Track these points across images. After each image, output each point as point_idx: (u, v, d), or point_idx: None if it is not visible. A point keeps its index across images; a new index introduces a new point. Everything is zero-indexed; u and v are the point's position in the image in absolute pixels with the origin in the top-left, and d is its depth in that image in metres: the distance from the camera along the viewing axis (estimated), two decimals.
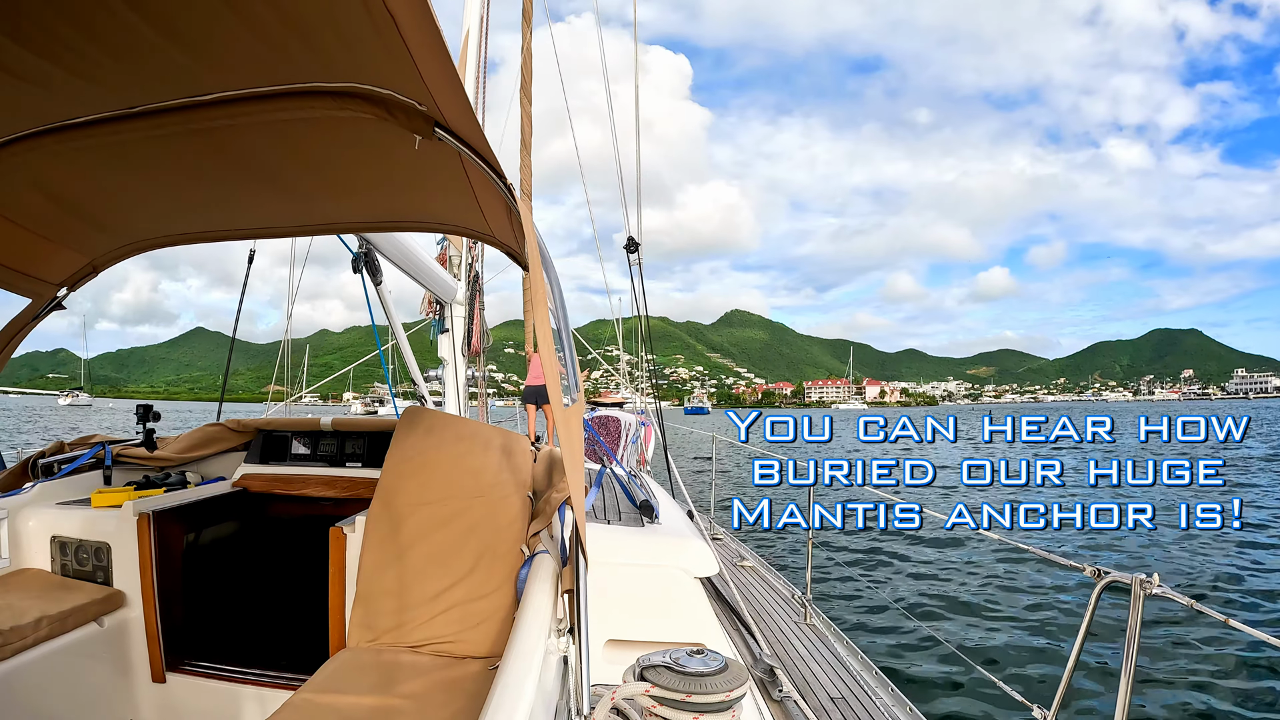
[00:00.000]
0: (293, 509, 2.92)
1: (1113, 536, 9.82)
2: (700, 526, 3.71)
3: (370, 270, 3.34)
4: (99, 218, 1.76)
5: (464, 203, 1.64)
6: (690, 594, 2.32)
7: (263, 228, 1.92)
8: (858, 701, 3.30)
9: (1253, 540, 10.33)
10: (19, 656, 1.98)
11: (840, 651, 3.95)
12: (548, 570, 1.75)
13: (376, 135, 1.26)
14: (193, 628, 2.53)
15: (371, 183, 1.66)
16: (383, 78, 1.06)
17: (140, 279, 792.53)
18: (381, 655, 1.84)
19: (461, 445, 2.23)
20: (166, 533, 2.47)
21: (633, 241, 5.89)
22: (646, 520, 2.67)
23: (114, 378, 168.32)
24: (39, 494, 2.62)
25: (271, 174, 1.56)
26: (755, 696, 2.70)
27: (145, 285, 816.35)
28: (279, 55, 1.00)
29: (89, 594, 2.32)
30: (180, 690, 2.39)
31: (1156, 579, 1.99)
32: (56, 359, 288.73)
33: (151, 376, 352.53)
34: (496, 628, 1.85)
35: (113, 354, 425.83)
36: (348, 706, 1.53)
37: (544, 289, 1.79)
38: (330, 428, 3.12)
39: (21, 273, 1.80)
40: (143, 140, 1.26)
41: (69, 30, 0.91)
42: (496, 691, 1.13)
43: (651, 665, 1.30)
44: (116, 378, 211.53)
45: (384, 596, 1.94)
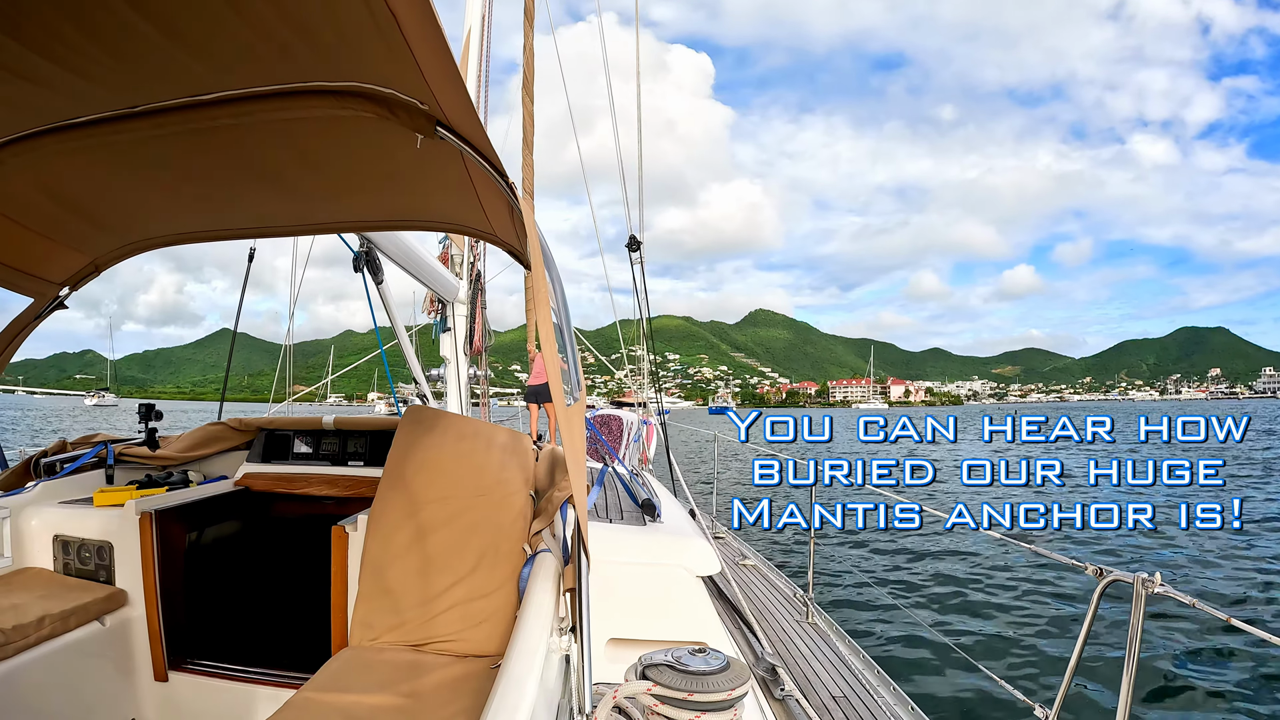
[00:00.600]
0: (295, 508, 2.92)
1: (1113, 536, 9.82)
2: (702, 525, 3.71)
3: (371, 269, 3.34)
4: (100, 217, 1.76)
5: (466, 202, 1.63)
6: (692, 593, 2.32)
7: (264, 227, 1.92)
8: (859, 700, 3.30)
9: (1253, 540, 10.32)
10: (21, 655, 1.99)
11: (842, 650, 3.95)
12: (550, 569, 1.75)
13: (378, 134, 1.26)
14: (195, 626, 2.54)
15: (373, 182, 1.66)
16: (384, 77, 1.06)
17: (166, 281, 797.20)
18: (383, 654, 1.84)
19: (464, 444, 2.23)
20: (169, 532, 2.47)
21: (634, 240, 5.90)
22: (648, 519, 2.67)
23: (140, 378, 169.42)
24: (41, 493, 2.62)
25: (273, 173, 1.56)
26: (757, 695, 2.70)
27: (170, 287, 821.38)
28: (280, 54, 1.00)
29: (91, 593, 2.32)
30: (182, 689, 2.40)
31: (1158, 578, 1.99)
32: (84, 360, 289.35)
33: (177, 377, 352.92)
34: (499, 626, 1.85)
35: (139, 355, 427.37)
36: (350, 705, 1.53)
37: (546, 287, 1.79)
38: (332, 427, 3.12)
39: (23, 272, 1.80)
40: (144, 140, 1.26)
41: (70, 29, 0.91)
42: (499, 690, 1.13)
43: (653, 664, 1.30)
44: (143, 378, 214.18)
45: (386, 595, 1.94)
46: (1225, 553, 9.50)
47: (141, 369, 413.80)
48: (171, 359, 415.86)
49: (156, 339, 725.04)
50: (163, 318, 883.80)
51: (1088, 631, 2.31)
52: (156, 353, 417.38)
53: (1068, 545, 9.47)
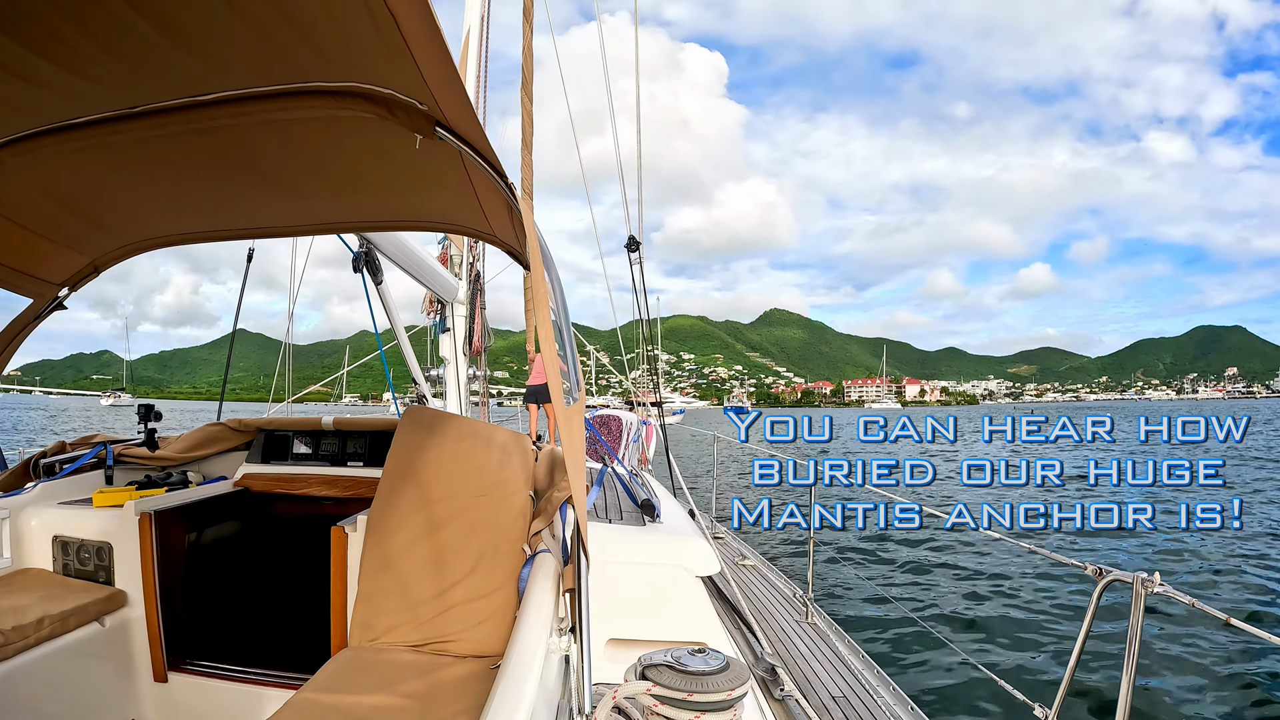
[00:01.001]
0: (294, 508, 2.92)
1: (1114, 536, 9.82)
2: (701, 525, 3.71)
3: (370, 270, 3.34)
4: (100, 218, 1.76)
5: (465, 202, 1.64)
6: (692, 593, 2.32)
7: (264, 227, 1.92)
8: (859, 700, 3.30)
9: (1254, 538, 10.33)
10: (21, 656, 1.99)
11: (842, 650, 3.94)
12: (549, 569, 1.75)
13: (377, 134, 1.26)
14: (194, 627, 2.54)
15: (372, 182, 1.66)
16: (383, 77, 1.06)
17: (181, 281, 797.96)
18: (383, 654, 1.84)
19: (463, 444, 2.23)
20: (168, 532, 2.47)
21: (633, 240, 5.89)
22: (648, 519, 2.67)
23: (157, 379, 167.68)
24: (41, 494, 2.62)
25: (272, 173, 1.56)
26: (756, 695, 2.70)
27: (186, 288, 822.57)
28: (280, 55, 1.00)
29: (91, 593, 2.32)
30: (182, 690, 2.40)
31: (1158, 578, 1.99)
32: (101, 360, 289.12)
33: (194, 377, 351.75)
34: (498, 627, 1.85)
35: (155, 355, 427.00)
36: (350, 706, 1.53)
37: (545, 288, 1.79)
38: (331, 427, 3.12)
39: (23, 273, 1.80)
40: (143, 140, 1.26)
41: (70, 30, 0.91)
42: (498, 691, 1.13)
43: (653, 664, 1.30)
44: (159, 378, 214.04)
45: (385, 596, 1.94)
46: (1225, 552, 9.50)
47: (158, 369, 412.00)
48: (188, 359, 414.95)
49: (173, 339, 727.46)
50: (179, 318, 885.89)
51: (1087, 631, 2.31)
52: (173, 353, 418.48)
53: (1076, 543, 9.47)
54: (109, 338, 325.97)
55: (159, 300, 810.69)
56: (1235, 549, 9.69)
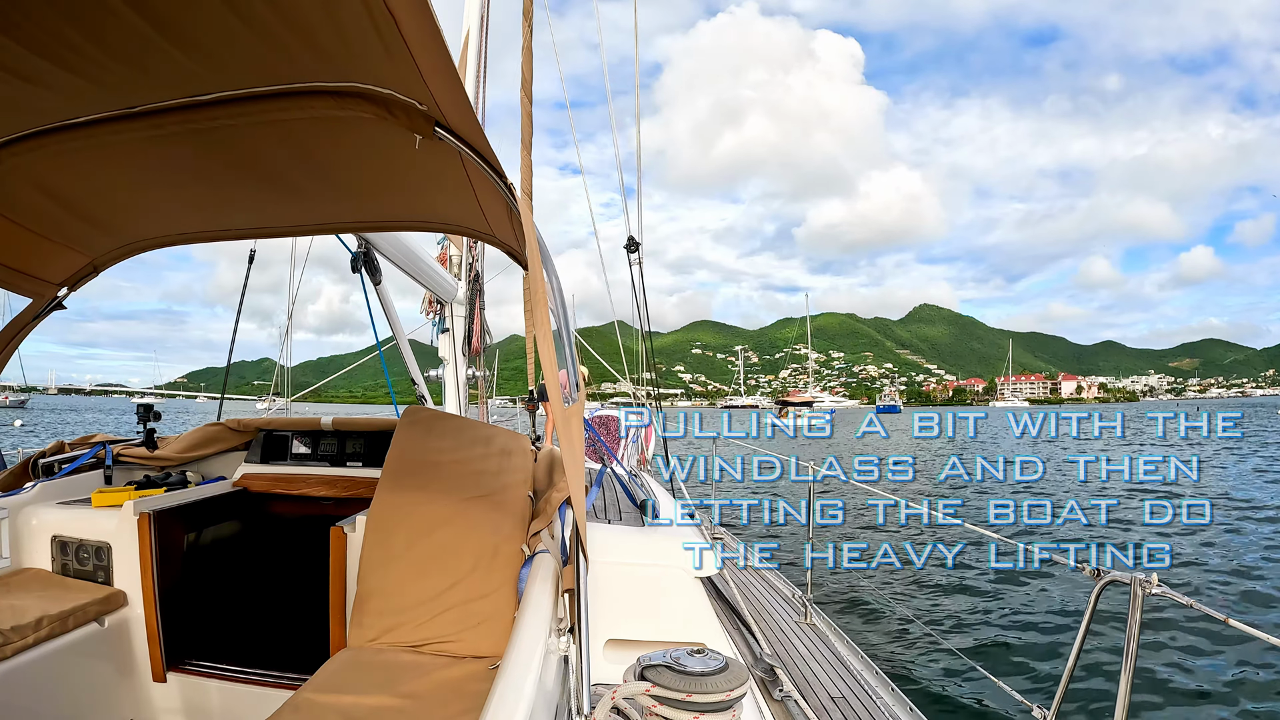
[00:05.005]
0: (293, 508, 2.92)
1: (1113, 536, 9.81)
2: (701, 525, 3.70)
3: (370, 270, 3.34)
4: (99, 218, 1.76)
5: (464, 202, 1.64)
6: (690, 593, 2.32)
7: (263, 227, 1.93)
8: (858, 701, 3.30)
9: (1253, 538, 10.33)
10: (19, 656, 1.98)
11: (841, 651, 3.95)
12: (548, 570, 1.75)
13: (377, 135, 1.26)
14: (193, 627, 2.53)
15: (372, 182, 1.66)
16: (383, 77, 1.06)
17: (331, 291, 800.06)
18: (382, 655, 1.84)
19: (462, 445, 2.23)
20: (167, 532, 2.47)
21: (632, 241, 5.84)
22: (647, 520, 2.67)
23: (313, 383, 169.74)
24: (40, 493, 2.62)
25: (272, 174, 1.56)
26: (755, 696, 2.70)
27: (336, 297, 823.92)
28: (279, 55, 1.00)
29: (90, 593, 2.32)
30: (181, 690, 2.39)
31: (1156, 578, 1.99)
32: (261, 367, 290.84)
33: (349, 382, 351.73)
34: (497, 627, 1.85)
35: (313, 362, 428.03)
36: (348, 706, 1.53)
37: (544, 289, 1.79)
38: (330, 427, 3.12)
39: (23, 273, 1.80)
40: (143, 140, 1.26)
41: (70, 30, 0.91)
42: (497, 691, 1.13)
43: (652, 665, 1.30)
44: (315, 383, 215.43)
45: (384, 596, 1.94)
46: (1226, 551, 9.50)
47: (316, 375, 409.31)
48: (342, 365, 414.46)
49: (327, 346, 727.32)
50: (331, 326, 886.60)
51: (1085, 632, 2.31)
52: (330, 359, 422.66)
53: (1068, 546, 9.46)
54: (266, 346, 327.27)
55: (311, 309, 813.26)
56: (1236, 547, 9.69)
